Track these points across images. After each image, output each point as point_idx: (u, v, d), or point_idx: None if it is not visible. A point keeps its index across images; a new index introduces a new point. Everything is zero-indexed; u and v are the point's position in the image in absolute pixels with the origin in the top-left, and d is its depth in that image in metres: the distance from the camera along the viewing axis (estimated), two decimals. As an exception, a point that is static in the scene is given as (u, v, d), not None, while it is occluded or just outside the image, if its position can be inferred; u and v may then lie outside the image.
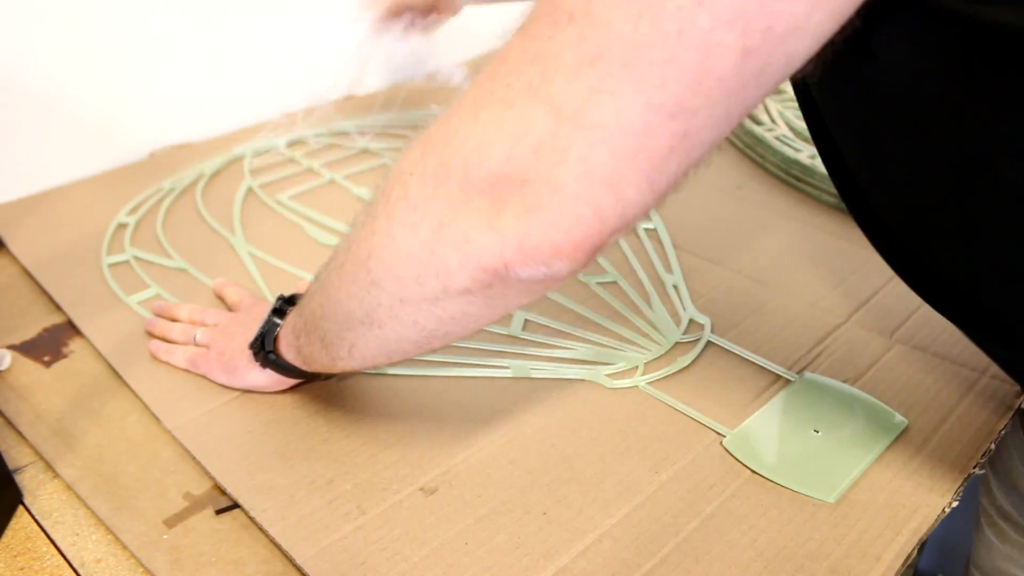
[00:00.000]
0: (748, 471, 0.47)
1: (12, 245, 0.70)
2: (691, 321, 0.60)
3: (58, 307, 0.62)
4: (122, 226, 0.72)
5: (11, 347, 0.58)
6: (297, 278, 0.65)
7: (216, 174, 0.82)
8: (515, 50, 0.30)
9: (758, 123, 0.86)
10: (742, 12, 0.26)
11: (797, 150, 0.80)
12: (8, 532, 0.46)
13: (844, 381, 0.54)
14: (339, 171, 0.81)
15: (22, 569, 0.43)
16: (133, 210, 0.74)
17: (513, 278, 0.31)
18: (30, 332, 0.60)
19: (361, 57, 0.86)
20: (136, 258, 0.67)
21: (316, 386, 0.53)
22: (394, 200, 0.33)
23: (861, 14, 0.28)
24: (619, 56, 0.27)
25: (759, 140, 0.83)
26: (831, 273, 0.65)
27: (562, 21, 0.28)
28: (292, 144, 0.87)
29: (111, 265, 0.66)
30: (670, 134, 0.28)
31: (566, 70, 0.28)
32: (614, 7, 0.27)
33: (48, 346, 0.58)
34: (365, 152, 0.86)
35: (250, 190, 0.78)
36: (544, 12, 0.29)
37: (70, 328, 0.60)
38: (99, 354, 0.57)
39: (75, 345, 0.58)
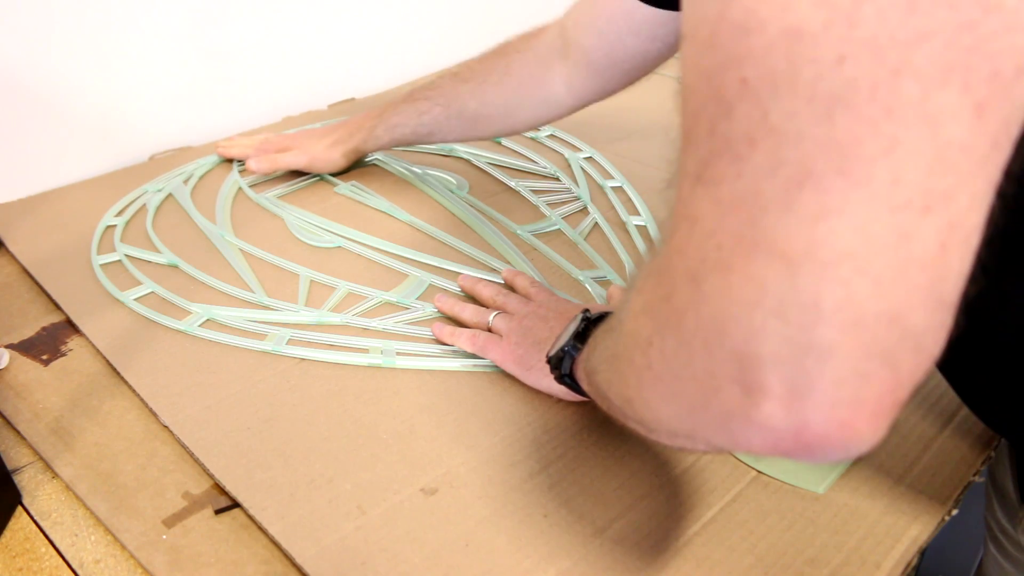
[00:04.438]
0: (747, 477, 0.47)
1: (11, 245, 0.70)
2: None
3: (56, 306, 0.62)
4: (111, 227, 0.72)
5: (9, 346, 0.58)
6: (286, 273, 0.65)
7: (206, 175, 0.82)
8: (703, 203, 0.25)
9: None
10: (953, 66, 0.21)
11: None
12: (7, 533, 0.45)
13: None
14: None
15: (21, 570, 0.43)
16: (120, 211, 0.75)
17: (801, 458, 0.26)
18: (29, 331, 0.60)
19: None
20: (128, 256, 0.67)
21: (315, 385, 0.53)
22: (639, 367, 0.29)
23: None
24: (828, 165, 0.22)
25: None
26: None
27: (743, 151, 0.23)
28: None
29: (103, 265, 0.66)
30: (935, 231, 0.22)
31: (774, 205, 0.23)
32: (797, 112, 0.22)
33: (46, 345, 0.58)
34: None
35: (239, 189, 0.79)
36: (717, 149, 0.24)
37: (68, 327, 0.60)
38: (97, 352, 0.57)
39: (73, 344, 0.58)
